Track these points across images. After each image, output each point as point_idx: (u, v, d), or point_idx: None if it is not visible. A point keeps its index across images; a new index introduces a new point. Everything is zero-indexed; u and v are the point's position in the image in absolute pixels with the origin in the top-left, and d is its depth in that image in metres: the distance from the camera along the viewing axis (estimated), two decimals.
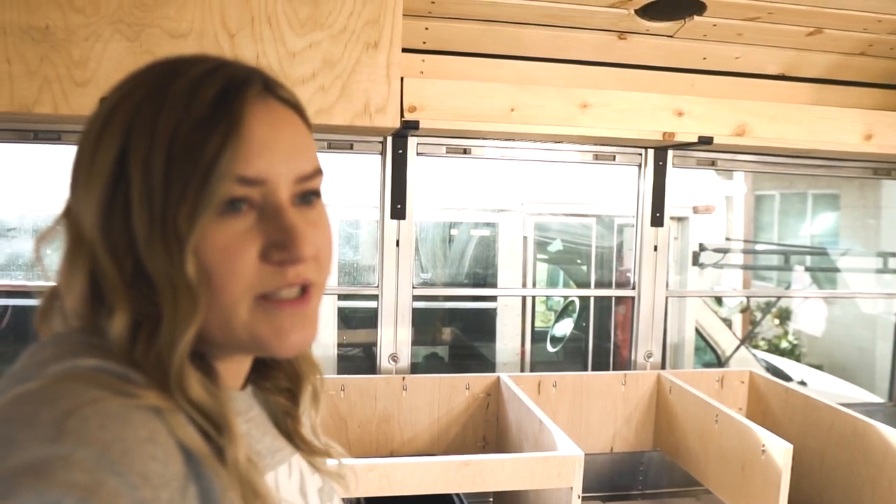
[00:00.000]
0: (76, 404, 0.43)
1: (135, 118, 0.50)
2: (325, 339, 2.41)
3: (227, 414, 0.51)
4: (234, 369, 0.59)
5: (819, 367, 5.20)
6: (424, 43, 1.74)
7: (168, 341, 0.49)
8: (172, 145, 0.48)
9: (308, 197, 0.55)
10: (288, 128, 0.54)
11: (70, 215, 0.52)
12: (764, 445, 1.45)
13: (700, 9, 1.68)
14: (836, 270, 5.96)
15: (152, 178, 0.48)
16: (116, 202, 0.49)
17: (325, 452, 0.65)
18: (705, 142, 1.81)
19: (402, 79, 1.56)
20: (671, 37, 1.80)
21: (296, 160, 0.53)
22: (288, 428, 0.63)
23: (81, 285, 0.51)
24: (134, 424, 0.44)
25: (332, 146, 1.82)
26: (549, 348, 3.51)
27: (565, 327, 3.53)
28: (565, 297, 3.70)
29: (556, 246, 3.66)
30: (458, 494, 1.63)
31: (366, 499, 1.27)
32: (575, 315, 3.52)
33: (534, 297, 3.42)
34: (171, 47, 1.41)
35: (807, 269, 5.85)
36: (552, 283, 3.84)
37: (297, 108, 0.56)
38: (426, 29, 1.71)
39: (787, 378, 3.95)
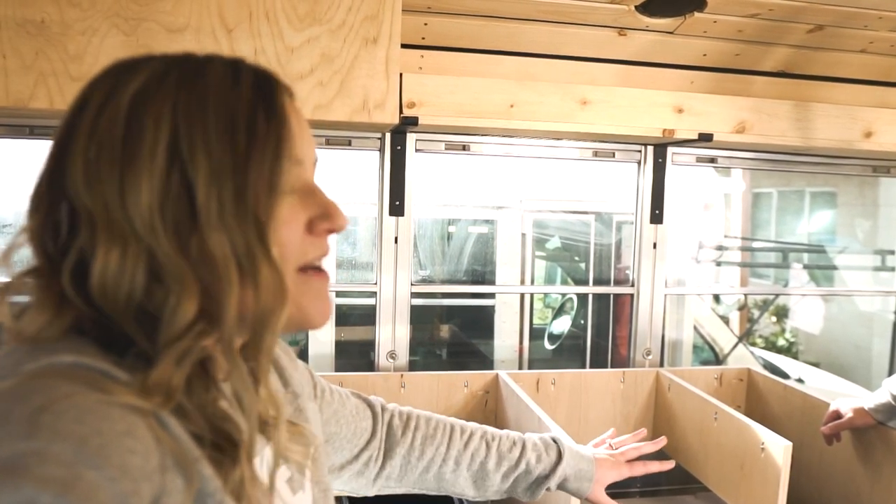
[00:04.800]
0: (50, 399, 0.42)
1: (178, 102, 0.50)
2: (323, 337, 2.41)
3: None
4: None
5: (816, 365, 5.21)
6: (423, 39, 1.73)
7: (261, 319, 0.50)
8: (234, 129, 0.50)
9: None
10: (304, 117, 0.59)
11: (97, 212, 0.48)
12: (763, 443, 1.44)
13: (700, 5, 1.68)
14: (834, 268, 5.97)
15: (218, 161, 0.49)
16: (171, 187, 0.48)
17: (295, 426, 0.64)
18: (705, 139, 1.81)
19: (400, 74, 1.55)
20: (671, 33, 1.79)
21: (313, 145, 0.59)
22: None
23: (142, 279, 0.48)
24: (111, 418, 0.44)
25: (330, 142, 1.81)
26: (547, 345, 3.51)
27: (563, 324, 3.53)
28: (563, 295, 3.70)
29: (554, 243, 3.66)
30: None
31: (371, 499, 1.27)
32: (572, 312, 3.51)
33: (532, 295, 3.42)
34: (167, 42, 1.40)
35: (804, 267, 5.86)
36: (550, 280, 3.84)
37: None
38: (425, 24, 1.70)
39: (785, 375, 3.95)
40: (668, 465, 1.06)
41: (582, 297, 3.41)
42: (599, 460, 1.03)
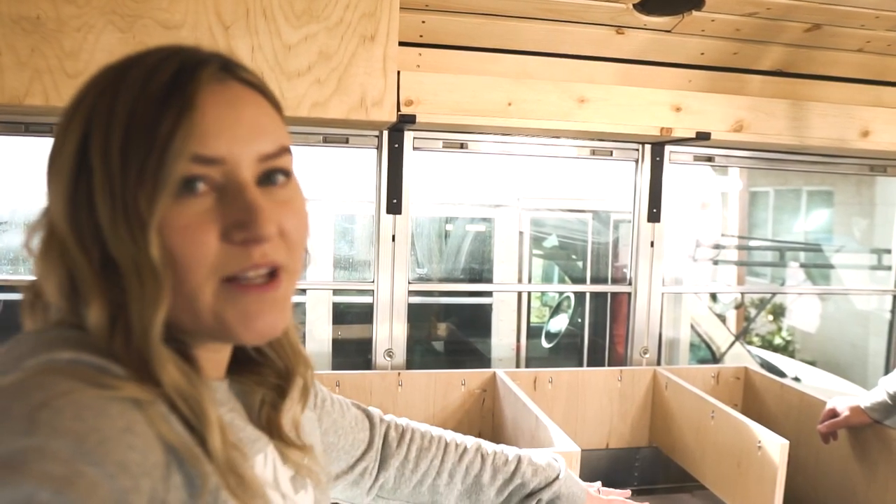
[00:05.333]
0: (49, 396, 0.43)
1: (94, 108, 0.50)
2: (320, 335, 2.40)
3: (204, 402, 0.50)
4: (215, 359, 0.59)
5: (812, 363, 5.22)
6: (421, 36, 1.73)
7: (139, 327, 0.49)
8: (129, 130, 0.49)
9: (273, 176, 0.54)
10: (248, 107, 0.53)
11: (47, 209, 0.53)
12: (760, 441, 1.45)
13: (698, 4, 1.68)
14: (830, 267, 5.98)
15: (111, 164, 0.48)
16: (80, 192, 0.50)
17: (302, 447, 0.64)
18: (703, 137, 1.81)
19: (398, 72, 1.55)
20: (669, 32, 1.79)
21: (257, 139, 0.53)
22: (268, 419, 0.62)
23: (57, 278, 0.51)
24: (110, 415, 0.44)
25: (327, 140, 1.81)
26: (545, 344, 3.51)
27: (560, 323, 3.53)
28: (561, 293, 3.70)
29: (552, 241, 3.65)
30: None
31: None
32: (570, 311, 3.52)
33: (529, 293, 3.42)
34: (164, 39, 1.40)
35: (801, 266, 5.87)
36: (548, 278, 3.84)
37: (259, 88, 0.56)
38: (423, 22, 1.70)
39: (782, 374, 3.96)
40: None
41: (579, 296, 3.42)
42: (590, 495, 1.04)
